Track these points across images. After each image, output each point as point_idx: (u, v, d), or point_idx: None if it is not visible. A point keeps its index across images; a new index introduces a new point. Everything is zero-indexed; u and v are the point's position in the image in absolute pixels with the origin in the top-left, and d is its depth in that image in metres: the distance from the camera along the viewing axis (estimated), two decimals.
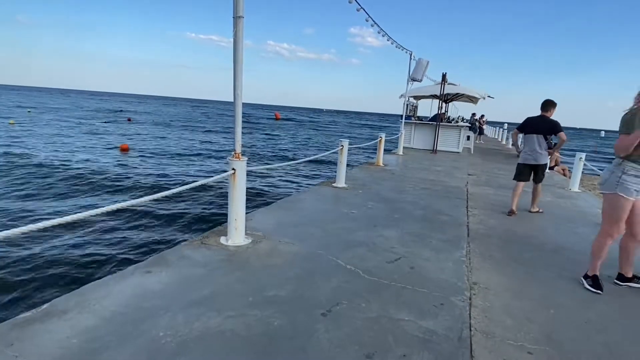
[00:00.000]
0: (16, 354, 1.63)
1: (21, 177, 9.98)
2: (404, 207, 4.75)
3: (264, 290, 2.37)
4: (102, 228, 6.47)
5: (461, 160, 10.48)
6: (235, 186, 3.01)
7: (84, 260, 5.38)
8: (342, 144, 5.84)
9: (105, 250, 5.74)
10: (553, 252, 3.51)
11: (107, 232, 6.34)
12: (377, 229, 3.76)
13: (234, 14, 2.71)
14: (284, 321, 2.04)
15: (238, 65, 2.79)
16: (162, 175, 11.80)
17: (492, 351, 1.91)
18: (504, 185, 6.98)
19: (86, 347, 1.72)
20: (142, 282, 2.37)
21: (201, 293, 2.27)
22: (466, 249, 3.38)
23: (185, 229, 6.98)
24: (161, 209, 7.85)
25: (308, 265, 2.79)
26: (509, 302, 2.45)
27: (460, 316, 2.21)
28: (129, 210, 7.21)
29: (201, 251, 2.91)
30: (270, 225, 3.64)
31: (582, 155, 7.02)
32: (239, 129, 2.95)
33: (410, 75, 10.57)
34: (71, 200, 8.52)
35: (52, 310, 1.98)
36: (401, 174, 7.44)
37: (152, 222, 7.07)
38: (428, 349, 1.87)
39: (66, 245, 5.75)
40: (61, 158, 12.78)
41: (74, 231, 6.21)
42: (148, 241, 6.21)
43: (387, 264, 2.92)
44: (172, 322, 1.96)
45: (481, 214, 4.72)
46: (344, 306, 2.24)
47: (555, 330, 2.15)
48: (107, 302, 2.10)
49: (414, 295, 2.43)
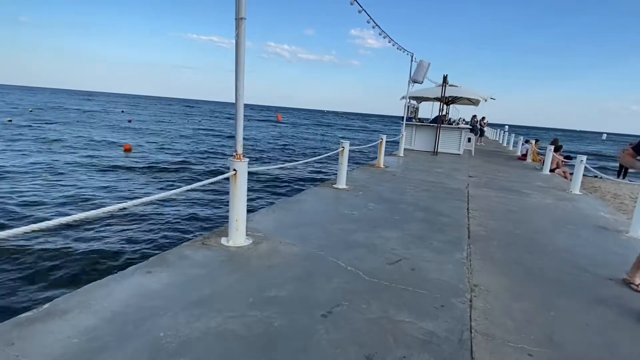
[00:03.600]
0: (17, 354, 1.63)
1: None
2: (404, 208, 4.75)
3: (265, 290, 2.37)
4: (103, 228, 6.48)
5: (462, 162, 10.48)
6: (236, 187, 3.02)
7: (84, 260, 5.39)
8: (342, 145, 5.85)
9: (106, 250, 5.75)
10: (554, 254, 3.51)
11: (108, 233, 6.35)
12: (377, 230, 3.76)
13: (237, 16, 2.72)
14: (284, 322, 2.04)
15: (240, 66, 2.80)
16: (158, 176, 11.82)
17: (492, 353, 1.91)
18: (504, 187, 6.99)
19: (87, 347, 1.72)
20: (143, 282, 2.37)
21: (202, 293, 2.28)
22: (467, 251, 3.38)
23: (186, 229, 6.99)
24: (162, 209, 7.86)
25: (308, 266, 2.79)
26: (509, 304, 2.45)
27: (461, 318, 2.21)
28: (130, 210, 7.23)
29: (202, 252, 2.91)
30: (271, 226, 3.64)
31: (583, 158, 7.02)
32: (240, 130, 2.95)
33: (411, 77, 10.58)
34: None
35: (53, 310, 1.99)
36: (402, 175, 7.44)
37: (153, 222, 7.08)
38: (428, 351, 1.87)
39: (67, 245, 5.76)
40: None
41: (75, 231, 6.22)
42: (149, 241, 6.22)
43: (387, 265, 2.92)
44: (173, 322, 1.96)
45: (482, 215, 4.72)
46: (344, 307, 2.24)
47: (556, 333, 2.15)
48: (108, 302, 2.10)
49: (415, 297, 2.43)
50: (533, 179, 8.62)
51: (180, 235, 6.57)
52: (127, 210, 7.18)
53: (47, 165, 11.95)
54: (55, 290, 4.41)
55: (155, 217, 7.35)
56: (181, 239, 6.22)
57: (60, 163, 12.53)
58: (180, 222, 7.31)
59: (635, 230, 4.32)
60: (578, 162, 7.03)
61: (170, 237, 6.46)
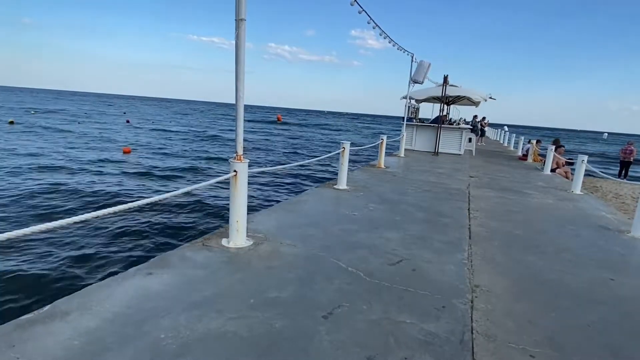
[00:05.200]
0: (18, 355, 1.63)
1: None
2: (405, 209, 4.75)
3: (266, 292, 2.37)
4: (103, 230, 6.49)
5: (463, 163, 10.47)
6: (237, 188, 3.02)
7: (85, 261, 5.39)
8: (343, 145, 5.85)
9: (106, 251, 5.75)
10: (555, 254, 3.50)
11: (108, 234, 6.35)
12: (378, 231, 3.76)
13: (236, 17, 2.72)
14: (285, 323, 2.04)
15: (240, 67, 2.80)
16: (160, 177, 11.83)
17: (494, 354, 1.91)
18: (505, 188, 6.98)
19: (88, 348, 1.72)
20: (144, 283, 2.37)
21: (203, 294, 2.28)
22: (468, 252, 3.37)
23: (186, 230, 7.00)
24: (162, 211, 7.86)
25: (309, 267, 2.79)
26: (511, 305, 2.45)
27: (462, 319, 2.21)
28: (130, 212, 7.23)
29: (203, 253, 2.91)
30: (272, 227, 3.64)
31: (584, 158, 7.00)
32: (240, 131, 2.95)
33: (411, 77, 10.58)
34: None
35: (54, 312, 1.99)
36: (403, 175, 7.44)
37: (154, 223, 7.09)
38: (429, 352, 1.87)
39: (68, 247, 5.77)
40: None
41: (76, 233, 6.22)
42: (149, 243, 6.23)
43: (388, 266, 2.92)
44: (174, 323, 1.96)
45: (483, 216, 4.72)
46: (345, 308, 2.23)
47: (558, 333, 2.14)
48: (108, 303, 2.10)
49: (416, 298, 2.43)
50: (534, 179, 8.61)
51: (181, 237, 6.58)
52: (128, 212, 7.18)
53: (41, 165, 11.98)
54: (56, 292, 4.41)
55: (155, 218, 7.36)
56: (182, 240, 6.22)
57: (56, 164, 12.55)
58: (181, 223, 7.31)
59: (637, 230, 4.31)
60: (579, 162, 7.02)
61: (171, 238, 6.47)
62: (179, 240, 6.17)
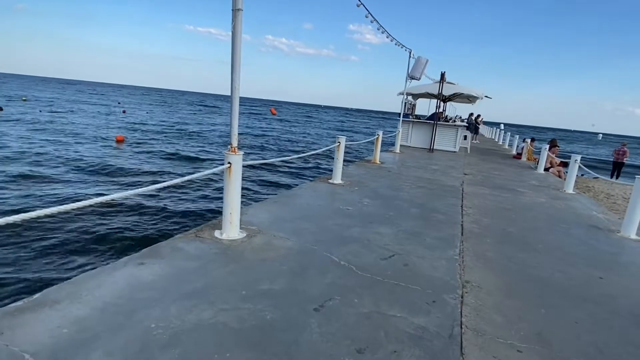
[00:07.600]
0: (6, 343, 1.62)
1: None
2: (399, 204, 4.77)
3: (258, 284, 2.37)
4: (95, 219, 6.44)
5: (458, 160, 10.51)
6: (231, 180, 3.00)
7: (76, 250, 5.36)
8: (338, 140, 5.84)
9: (98, 241, 5.72)
10: (546, 252, 3.54)
11: (100, 223, 6.31)
12: (372, 226, 3.77)
13: (233, 7, 2.69)
14: (277, 315, 2.04)
15: (236, 58, 2.78)
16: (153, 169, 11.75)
17: (482, 349, 1.93)
18: (499, 186, 7.02)
19: (77, 337, 1.71)
20: (135, 273, 2.36)
21: (194, 286, 2.27)
22: (460, 248, 3.40)
23: (179, 221, 6.97)
24: (155, 201, 7.82)
25: (302, 260, 2.79)
26: (500, 301, 2.47)
27: (452, 314, 2.23)
28: (122, 201, 7.19)
29: (195, 244, 2.90)
30: (265, 220, 3.64)
31: (577, 158, 7.06)
32: (235, 122, 2.93)
33: (408, 73, 10.56)
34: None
35: (44, 300, 1.97)
36: (397, 171, 7.45)
37: (146, 214, 7.05)
38: (419, 346, 1.89)
39: (58, 235, 5.72)
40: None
41: (67, 222, 6.17)
42: (141, 233, 6.20)
43: (381, 260, 2.93)
44: (165, 313, 1.95)
45: (476, 213, 4.75)
46: (336, 301, 2.24)
47: (545, 329, 2.17)
48: (99, 292, 2.09)
49: (407, 292, 2.45)
50: (528, 177, 8.67)
51: (174, 227, 6.56)
52: (120, 201, 7.14)
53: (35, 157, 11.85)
54: (46, 280, 4.38)
55: (148, 208, 7.32)
56: (174, 231, 6.20)
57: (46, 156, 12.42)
58: (174, 214, 7.28)
59: (627, 230, 4.37)
60: (572, 161, 7.08)
61: (163, 229, 6.44)
62: (172, 231, 6.15)
